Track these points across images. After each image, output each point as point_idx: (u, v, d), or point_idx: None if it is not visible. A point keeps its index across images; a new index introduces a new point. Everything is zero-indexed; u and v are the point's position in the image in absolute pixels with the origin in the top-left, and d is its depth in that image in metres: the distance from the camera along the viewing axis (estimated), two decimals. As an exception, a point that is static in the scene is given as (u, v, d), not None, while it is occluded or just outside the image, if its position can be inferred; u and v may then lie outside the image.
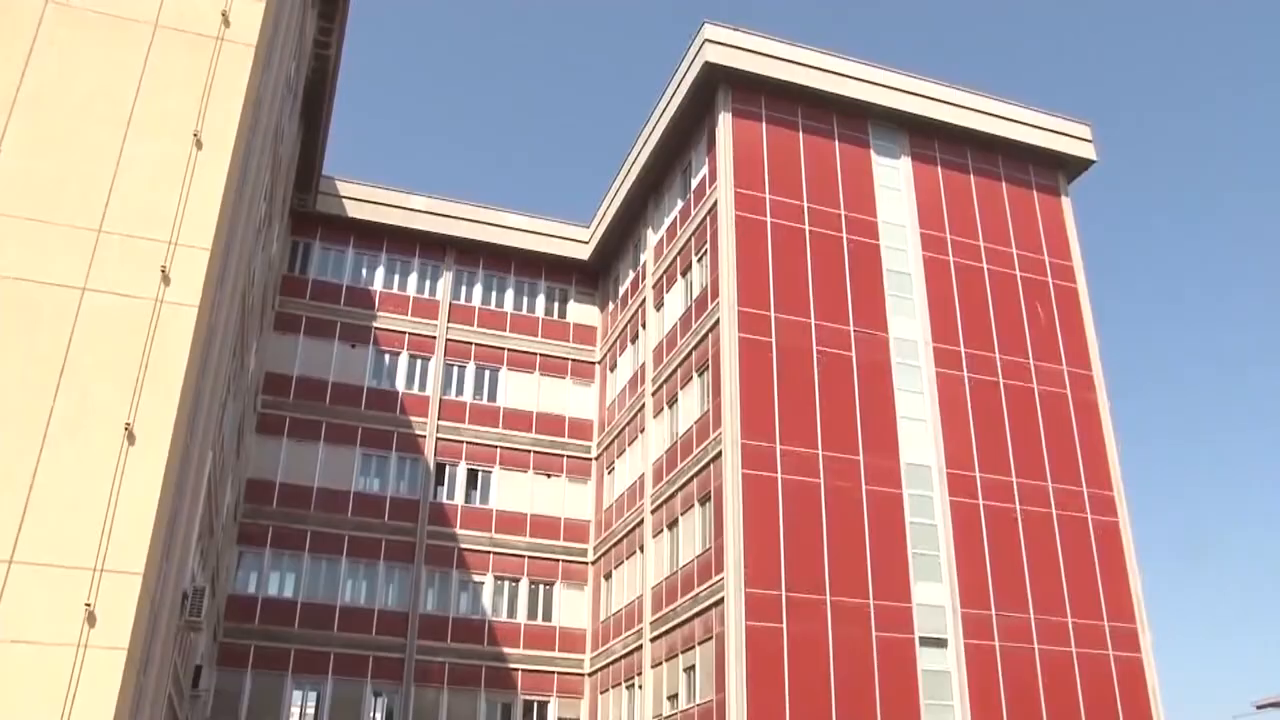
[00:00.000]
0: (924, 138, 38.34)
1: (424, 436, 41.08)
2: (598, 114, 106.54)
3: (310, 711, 36.45)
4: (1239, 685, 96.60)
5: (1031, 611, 32.54)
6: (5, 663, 12.65)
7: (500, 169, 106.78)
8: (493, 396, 42.85)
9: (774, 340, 32.98)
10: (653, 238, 40.65)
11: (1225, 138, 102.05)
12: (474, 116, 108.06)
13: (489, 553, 40.12)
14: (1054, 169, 40.01)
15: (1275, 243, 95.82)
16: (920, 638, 31.03)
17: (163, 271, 15.24)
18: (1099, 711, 32.04)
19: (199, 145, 16.31)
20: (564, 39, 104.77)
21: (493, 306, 44.42)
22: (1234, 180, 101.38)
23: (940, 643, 31.29)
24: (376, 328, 42.24)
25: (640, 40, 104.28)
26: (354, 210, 42.77)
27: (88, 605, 13.10)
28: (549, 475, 42.24)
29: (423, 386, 42.05)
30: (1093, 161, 40.01)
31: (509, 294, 44.82)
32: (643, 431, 38.37)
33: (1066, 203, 39.76)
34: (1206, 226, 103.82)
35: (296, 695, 36.53)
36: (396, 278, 43.59)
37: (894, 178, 37.48)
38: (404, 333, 42.53)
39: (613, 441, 41.39)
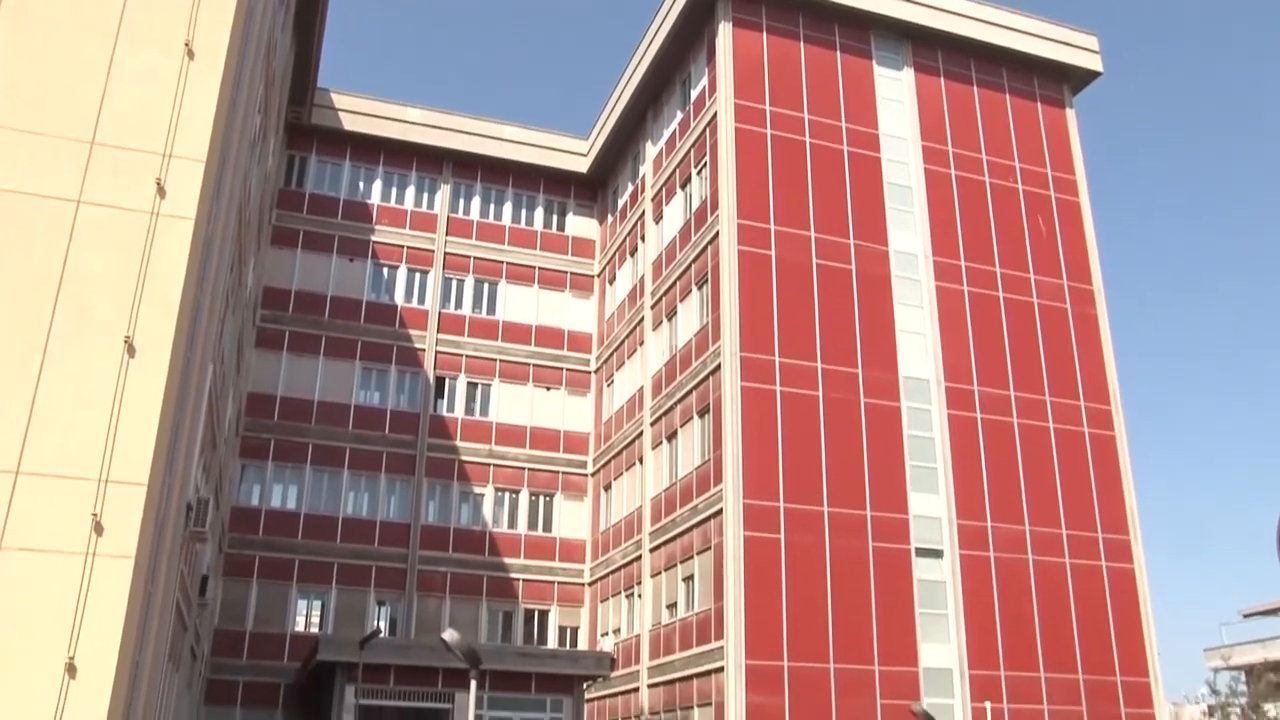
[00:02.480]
0: (927, 48, 37.78)
1: (423, 350, 41.17)
2: (596, 23, 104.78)
3: (315, 620, 37.10)
4: (1229, 595, 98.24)
5: (1027, 523, 32.96)
6: (17, 570, 12.84)
7: (498, 80, 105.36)
8: (492, 310, 42.84)
9: (773, 253, 32.88)
10: (652, 150, 40.28)
11: (1234, 52, 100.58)
12: (470, 26, 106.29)
13: (489, 465, 40.47)
14: (1059, 81, 39.49)
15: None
16: (916, 548, 31.47)
17: (158, 184, 15.12)
18: (1090, 621, 32.63)
19: (190, 55, 16.07)
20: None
21: (491, 219, 44.17)
22: (1241, 92, 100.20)
23: (936, 553, 31.75)
24: (374, 241, 42.06)
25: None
26: (350, 123, 42.30)
27: (94, 515, 13.25)
28: (548, 388, 42.42)
29: (421, 300, 42.01)
30: (1099, 73, 39.47)
31: (507, 207, 44.54)
32: (642, 344, 38.45)
33: (1070, 115, 39.31)
34: (1213, 141, 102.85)
35: (301, 604, 37.15)
36: (394, 191, 43.28)
37: (896, 89, 37.01)
38: (402, 246, 42.36)
39: (612, 354, 41.50)
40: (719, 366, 31.63)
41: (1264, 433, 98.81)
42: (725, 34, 34.85)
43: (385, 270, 41.94)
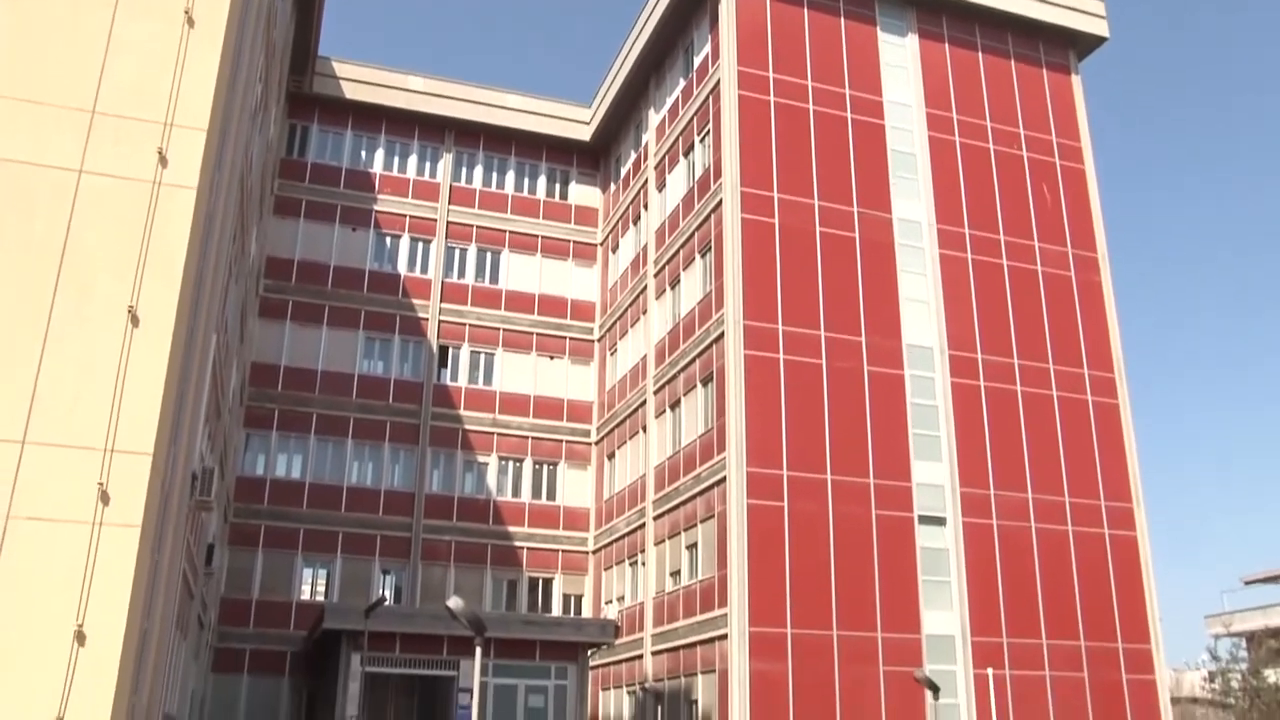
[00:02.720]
0: (931, 14, 37.48)
1: (426, 319, 41.16)
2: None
3: (321, 588, 37.31)
4: (1231, 562, 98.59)
5: (1030, 491, 33.03)
6: (25, 539, 12.90)
7: (500, 48, 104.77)
8: (495, 279, 42.80)
9: (777, 221, 32.79)
10: (654, 118, 40.08)
11: (1242, 17, 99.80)
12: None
13: (493, 433, 40.55)
14: (1065, 46, 39.19)
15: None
16: (920, 516, 31.57)
17: (159, 154, 15.06)
18: (1092, 588, 32.77)
19: (190, 24, 15.95)
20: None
21: (493, 188, 44.02)
22: (1248, 58, 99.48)
23: (939, 521, 31.85)
24: (377, 211, 41.96)
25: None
26: (351, 92, 42.10)
27: (100, 484, 13.29)
28: (552, 357, 42.44)
29: (424, 269, 41.95)
30: (1105, 39, 39.17)
31: (509, 175, 44.38)
32: (645, 313, 38.43)
33: (1076, 81, 39.05)
34: (1220, 106, 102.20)
35: (307, 573, 37.35)
36: (396, 160, 43.13)
37: (900, 56, 36.75)
38: (404, 215, 42.26)
39: (615, 323, 41.48)
40: (722, 335, 31.62)
41: (1267, 401, 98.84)
42: (729, 0, 34.57)
43: (388, 239, 41.88)
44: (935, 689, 25.85)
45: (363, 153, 42.71)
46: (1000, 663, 30.90)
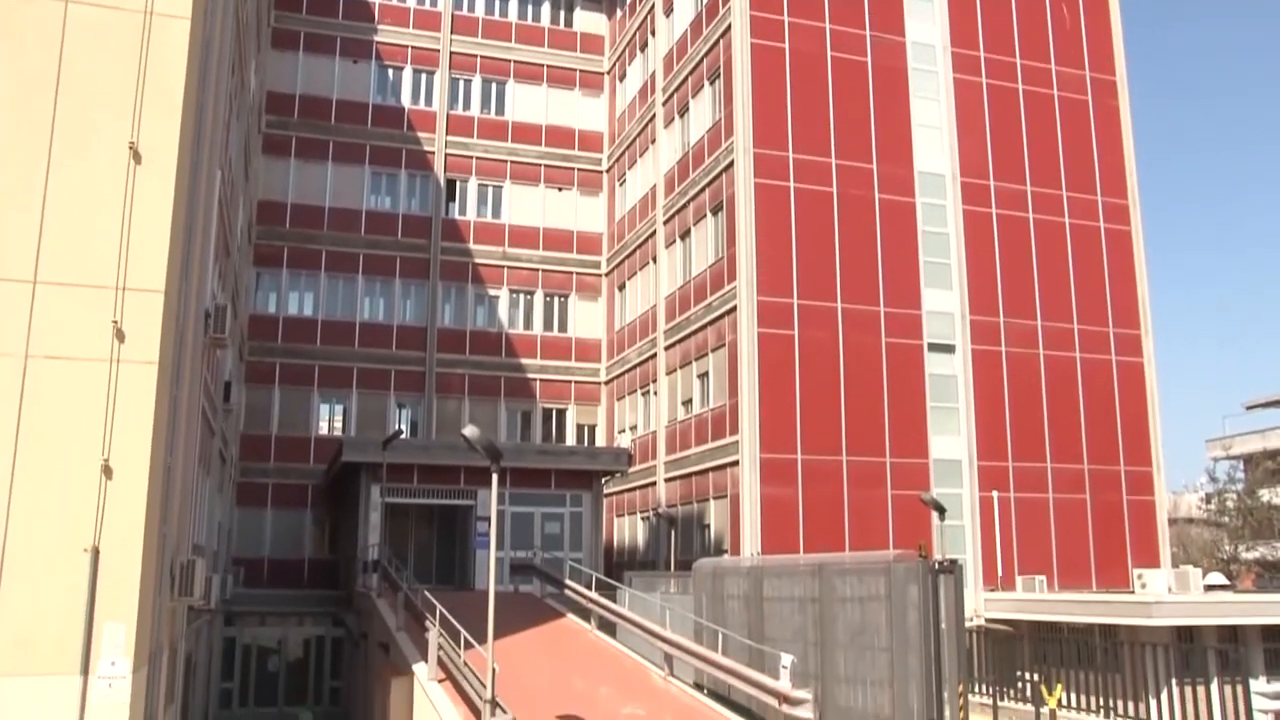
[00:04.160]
0: None
1: (433, 152, 40.62)
2: None
3: (338, 424, 37.96)
4: (1235, 388, 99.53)
5: (1039, 318, 33.12)
6: (46, 377, 13.05)
7: None
8: (500, 110, 42.01)
9: (787, 45, 31.94)
10: (661, -62, 38.61)
11: None
12: None
13: (503, 266, 40.52)
14: None
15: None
16: (929, 343, 31.77)
17: (149, -20, 14.57)
18: (1098, 413, 33.19)
19: None
20: None
21: (496, 16, 42.74)
22: None
23: (948, 348, 32.05)
24: (378, 42, 40.86)
25: None
26: (344, -86, 40.49)
27: (115, 322, 13.35)
28: (560, 188, 42.01)
29: (429, 101, 41.13)
30: None
31: (513, 3, 43.02)
32: (653, 142, 37.85)
33: (1100, -110, 37.32)
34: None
35: (324, 409, 37.94)
36: (394, -13, 41.78)
37: None
38: (406, 46, 41.17)
39: (623, 153, 40.90)
40: (732, 163, 31.21)
41: (1277, 232, 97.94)
42: None
43: (390, 72, 40.94)
44: (941, 510, 26.43)
45: (359, -21, 41.36)
46: (1005, 486, 31.58)
